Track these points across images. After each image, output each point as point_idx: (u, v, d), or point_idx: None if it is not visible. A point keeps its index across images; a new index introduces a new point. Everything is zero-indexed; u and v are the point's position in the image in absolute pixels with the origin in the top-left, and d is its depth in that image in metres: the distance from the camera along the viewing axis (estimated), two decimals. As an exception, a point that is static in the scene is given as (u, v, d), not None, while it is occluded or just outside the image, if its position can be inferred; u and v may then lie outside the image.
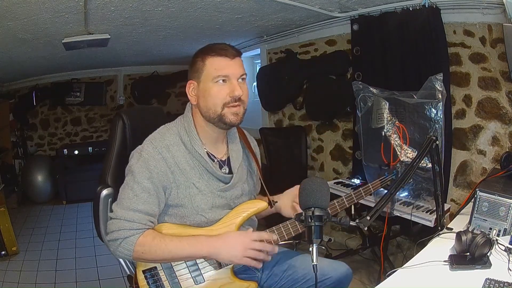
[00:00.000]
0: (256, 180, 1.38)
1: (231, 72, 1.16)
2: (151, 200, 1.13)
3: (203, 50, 1.20)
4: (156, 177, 1.14)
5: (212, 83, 1.16)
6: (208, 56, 1.17)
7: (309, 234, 0.96)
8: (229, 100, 1.16)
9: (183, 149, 1.19)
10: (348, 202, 1.38)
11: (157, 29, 2.85)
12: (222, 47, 1.18)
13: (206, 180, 1.20)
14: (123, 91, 5.48)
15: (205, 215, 1.19)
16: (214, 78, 1.16)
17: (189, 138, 1.20)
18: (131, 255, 1.11)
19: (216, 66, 1.16)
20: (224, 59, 1.16)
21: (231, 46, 1.20)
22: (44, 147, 5.22)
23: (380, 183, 1.51)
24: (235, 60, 1.18)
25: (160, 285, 1.14)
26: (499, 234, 1.34)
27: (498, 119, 2.11)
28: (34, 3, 1.91)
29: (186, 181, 1.17)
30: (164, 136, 1.20)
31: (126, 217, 1.10)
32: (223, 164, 1.27)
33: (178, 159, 1.17)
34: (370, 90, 2.21)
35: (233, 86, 1.16)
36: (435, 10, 2.18)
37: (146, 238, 1.11)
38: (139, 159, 1.15)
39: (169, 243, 1.11)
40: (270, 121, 3.87)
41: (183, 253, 1.12)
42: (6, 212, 3.00)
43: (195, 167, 1.19)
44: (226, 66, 1.16)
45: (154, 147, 1.16)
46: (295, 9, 2.53)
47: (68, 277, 2.68)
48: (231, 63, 1.17)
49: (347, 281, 1.37)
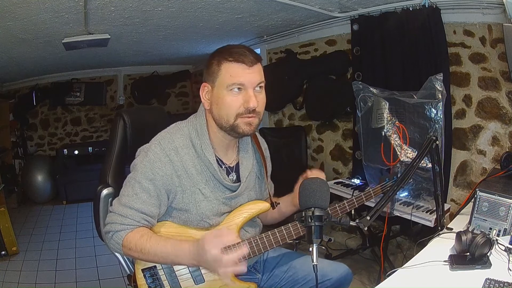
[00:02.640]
0: (264, 186, 1.36)
1: (248, 80, 1.09)
2: (150, 201, 1.11)
3: (221, 52, 1.12)
4: (159, 179, 1.11)
5: (227, 91, 1.09)
6: (224, 60, 1.10)
7: (309, 234, 0.96)
8: (243, 110, 1.10)
9: (192, 153, 1.15)
10: (350, 207, 1.36)
11: (157, 29, 2.85)
12: (241, 52, 1.10)
13: (212, 186, 1.17)
14: (123, 91, 5.48)
15: (208, 221, 1.18)
16: (229, 85, 1.09)
17: (200, 142, 1.15)
18: (121, 249, 1.11)
19: (232, 72, 1.08)
20: (241, 66, 1.08)
21: (250, 51, 1.12)
22: (44, 147, 5.23)
23: (380, 189, 1.48)
24: (254, 68, 1.10)
25: (159, 284, 1.13)
26: (499, 234, 1.33)
27: (498, 119, 2.11)
28: (34, 3, 1.91)
29: (192, 186, 1.15)
30: (174, 136, 1.15)
31: (120, 212, 1.10)
32: (230, 170, 1.23)
33: (186, 163, 1.14)
34: (370, 90, 2.21)
35: (249, 97, 1.09)
36: (435, 10, 2.18)
37: (135, 234, 1.09)
38: (145, 158, 1.12)
39: (154, 245, 1.07)
40: (270, 121, 3.87)
41: (167, 259, 1.09)
42: (6, 212, 3.00)
43: (203, 172, 1.16)
44: (243, 74, 1.08)
45: (162, 149, 1.12)
46: (295, 9, 2.53)
47: (68, 277, 2.68)
48: (248, 71, 1.09)
49: (347, 282, 1.36)
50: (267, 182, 1.36)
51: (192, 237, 1.16)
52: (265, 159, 1.35)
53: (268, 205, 1.25)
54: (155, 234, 1.12)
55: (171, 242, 1.10)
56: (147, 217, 1.12)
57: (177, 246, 1.09)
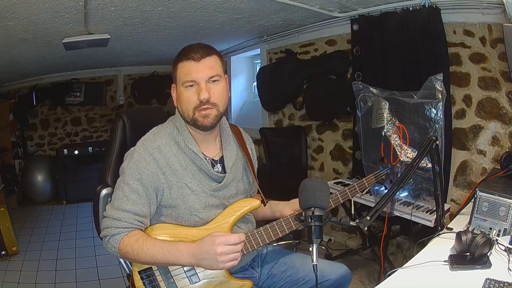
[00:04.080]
0: (252, 179, 1.37)
1: (198, 76, 1.14)
2: (140, 201, 1.14)
3: (178, 54, 1.19)
4: (146, 178, 1.14)
5: (183, 88, 1.16)
6: (179, 60, 1.17)
7: (309, 234, 0.96)
8: (197, 104, 1.15)
9: (175, 149, 1.19)
10: (342, 197, 1.37)
11: (157, 29, 2.85)
12: (191, 48, 1.16)
13: (199, 180, 1.20)
14: (123, 91, 5.48)
15: (199, 215, 1.19)
16: (183, 83, 1.16)
17: (183, 137, 1.20)
18: (118, 253, 1.14)
19: (184, 70, 1.16)
20: (190, 63, 1.15)
21: (201, 47, 1.17)
22: (44, 147, 5.22)
23: (374, 178, 1.49)
24: (202, 62, 1.15)
25: (155, 285, 1.14)
26: (499, 234, 1.34)
27: (498, 119, 2.11)
28: (34, 3, 1.91)
29: (178, 182, 1.17)
30: (156, 136, 1.20)
31: (114, 215, 1.12)
32: (215, 163, 1.26)
33: (170, 160, 1.17)
34: (370, 90, 2.21)
35: (200, 90, 1.14)
36: (435, 10, 2.18)
37: (130, 238, 1.12)
38: (131, 160, 1.16)
39: (150, 248, 1.10)
40: (270, 121, 3.87)
41: (163, 260, 1.11)
42: (6, 212, 3.01)
43: (188, 167, 1.19)
44: (192, 71, 1.14)
45: (145, 149, 1.16)
46: (295, 9, 2.53)
47: (68, 277, 2.68)
48: (197, 67, 1.14)
49: (346, 283, 1.36)
50: (254, 175, 1.36)
51: (187, 236, 1.17)
52: (248, 154, 1.37)
53: (259, 202, 1.26)
54: (150, 237, 1.14)
55: (167, 243, 1.12)
56: (139, 218, 1.14)
57: (173, 246, 1.11)
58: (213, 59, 1.18)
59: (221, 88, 1.20)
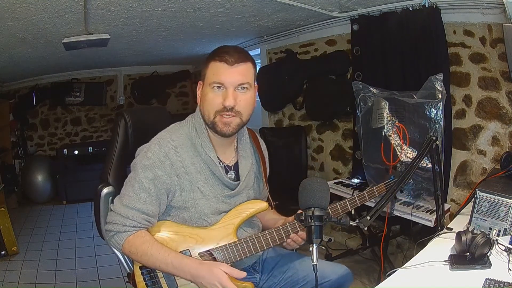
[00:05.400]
0: (263, 185, 1.36)
1: (227, 80, 1.11)
2: (151, 200, 1.12)
3: (212, 52, 1.16)
4: (159, 179, 1.12)
5: (209, 88, 1.13)
6: (211, 59, 1.14)
7: (309, 234, 0.96)
8: (221, 108, 1.12)
9: (191, 151, 1.16)
10: (351, 206, 1.34)
11: (157, 29, 2.85)
12: (226, 50, 1.13)
13: (211, 185, 1.18)
14: (123, 91, 5.48)
15: (207, 220, 1.18)
16: (210, 83, 1.13)
17: (200, 140, 1.17)
18: (121, 249, 1.14)
19: (214, 71, 1.12)
20: (222, 65, 1.11)
21: (237, 51, 1.14)
22: (44, 147, 5.22)
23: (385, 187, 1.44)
24: (235, 67, 1.11)
25: (156, 282, 1.14)
26: (499, 234, 1.34)
27: (498, 119, 2.11)
28: (34, 3, 1.91)
29: (191, 185, 1.16)
30: (174, 136, 1.17)
31: (122, 212, 1.12)
32: (229, 169, 1.24)
33: (185, 162, 1.15)
34: (370, 90, 2.21)
35: (226, 95, 1.11)
36: (435, 10, 2.18)
37: (136, 240, 1.11)
38: (144, 158, 1.14)
39: (155, 254, 1.09)
40: (270, 121, 3.87)
41: (165, 269, 1.11)
42: (6, 212, 3.00)
43: (202, 170, 1.17)
44: (223, 73, 1.11)
45: (161, 148, 1.14)
46: (295, 9, 2.53)
47: (68, 277, 2.68)
48: (229, 71, 1.11)
49: (346, 284, 1.36)
50: (266, 184, 1.36)
51: (191, 235, 1.17)
52: (264, 161, 1.36)
53: (266, 204, 1.25)
54: (156, 242, 1.13)
55: (172, 254, 1.11)
56: (147, 217, 1.13)
57: (177, 260, 1.10)
58: (247, 66, 1.15)
59: (249, 97, 1.17)
